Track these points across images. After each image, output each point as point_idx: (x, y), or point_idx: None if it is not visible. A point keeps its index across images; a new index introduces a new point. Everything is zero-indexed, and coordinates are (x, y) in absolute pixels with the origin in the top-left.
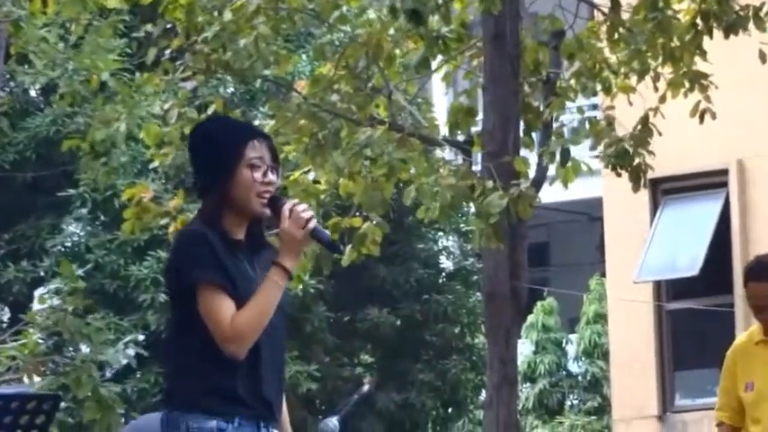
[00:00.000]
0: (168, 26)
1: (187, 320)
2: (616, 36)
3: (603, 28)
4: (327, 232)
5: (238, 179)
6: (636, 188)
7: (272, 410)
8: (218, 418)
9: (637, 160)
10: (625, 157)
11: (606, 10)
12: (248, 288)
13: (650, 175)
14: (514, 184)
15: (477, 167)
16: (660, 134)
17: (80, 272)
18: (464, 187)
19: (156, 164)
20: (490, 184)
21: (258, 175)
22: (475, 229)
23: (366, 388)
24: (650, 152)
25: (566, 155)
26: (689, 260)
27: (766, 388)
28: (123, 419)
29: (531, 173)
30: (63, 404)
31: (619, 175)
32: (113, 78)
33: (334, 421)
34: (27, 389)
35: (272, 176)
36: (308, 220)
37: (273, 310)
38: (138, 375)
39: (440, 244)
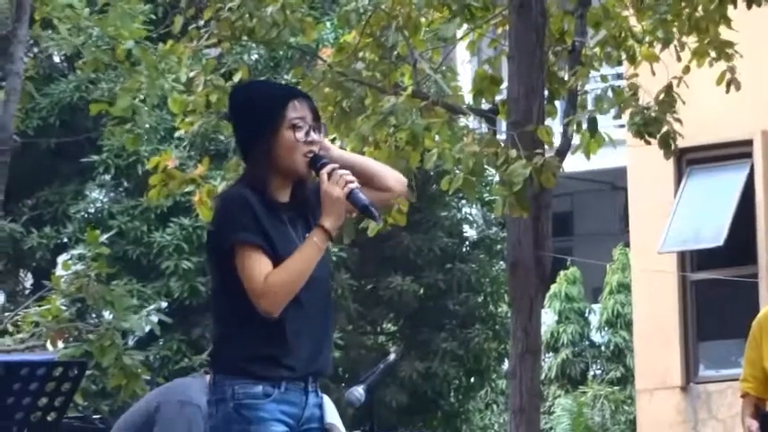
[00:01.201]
0: None
1: (227, 285)
2: (641, 5)
3: None
4: (365, 198)
5: (281, 140)
6: (667, 155)
7: (317, 374)
8: (264, 383)
9: (665, 128)
10: (653, 124)
11: None
12: (288, 249)
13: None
14: (538, 152)
15: (501, 136)
16: (684, 103)
17: (103, 238)
18: (488, 154)
19: (181, 132)
20: (514, 152)
21: (301, 134)
22: (498, 198)
23: (392, 357)
24: (677, 119)
25: (593, 124)
26: (713, 231)
27: None
28: (147, 386)
29: (555, 142)
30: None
31: (648, 143)
32: (138, 47)
33: (360, 390)
34: (53, 356)
35: (314, 135)
36: (347, 182)
37: (310, 271)
38: (161, 342)
39: (463, 212)
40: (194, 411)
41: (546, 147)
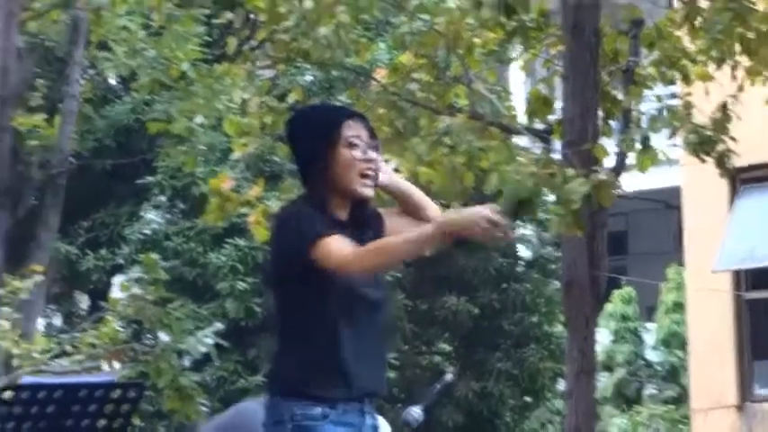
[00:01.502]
0: (248, 15)
1: (290, 304)
2: (694, 25)
3: (682, 16)
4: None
5: (338, 159)
6: (723, 174)
7: (372, 395)
8: (322, 404)
9: (720, 146)
10: (708, 143)
11: None
12: None
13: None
14: (595, 170)
15: (555, 155)
16: (740, 118)
17: (161, 263)
18: (545, 175)
19: (237, 154)
20: (571, 171)
21: (358, 153)
22: (554, 217)
23: (449, 377)
24: (732, 138)
25: (646, 141)
26: None
27: None
28: (203, 409)
29: (610, 161)
30: None
31: (703, 161)
32: (193, 68)
33: (417, 410)
34: (112, 377)
35: (371, 154)
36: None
37: (405, 255)
38: (217, 363)
39: (518, 232)
40: None
41: (601, 165)
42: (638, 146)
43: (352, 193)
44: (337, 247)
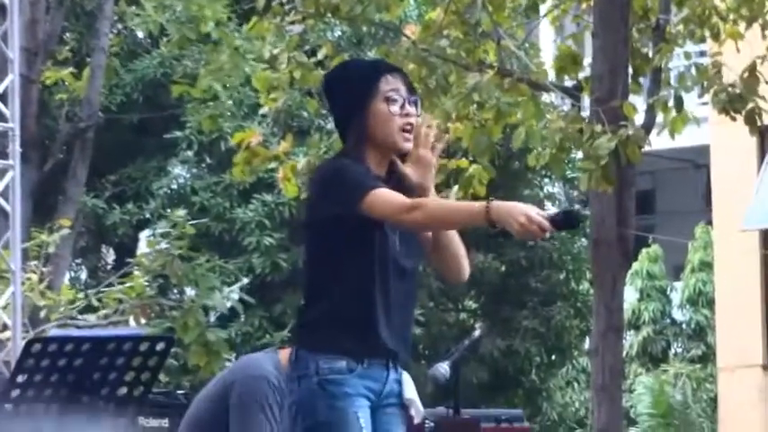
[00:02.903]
0: None
1: (326, 255)
2: None
3: None
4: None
5: (376, 114)
6: (752, 131)
7: (400, 352)
8: (348, 358)
9: (750, 105)
10: (738, 101)
11: None
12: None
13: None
14: (623, 124)
15: (584, 113)
16: (767, 82)
17: (182, 213)
18: (573, 131)
19: (265, 109)
20: (599, 127)
21: (395, 108)
22: (583, 174)
23: (477, 333)
24: (762, 97)
25: (680, 102)
26: None
27: None
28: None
29: (639, 119)
30: None
31: (733, 119)
32: (218, 29)
33: (445, 366)
34: (140, 331)
35: (410, 108)
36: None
37: (457, 224)
38: (243, 319)
39: (545, 190)
40: (264, 386)
41: (630, 122)
42: (671, 108)
43: (392, 146)
44: (393, 198)
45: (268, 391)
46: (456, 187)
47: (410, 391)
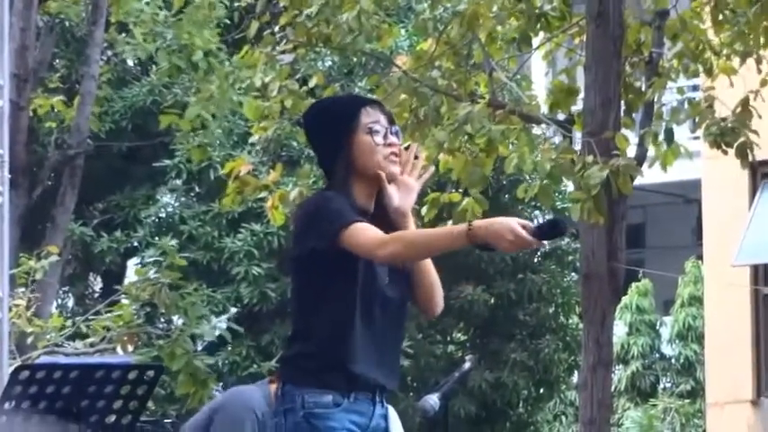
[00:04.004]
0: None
1: (311, 289)
2: (720, 17)
3: (707, 8)
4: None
5: (360, 146)
6: (744, 164)
7: (386, 385)
8: (334, 392)
9: (741, 138)
10: (730, 134)
11: None
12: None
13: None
14: (615, 154)
15: (576, 146)
16: (760, 117)
17: (173, 242)
18: (565, 162)
19: (255, 138)
20: (591, 158)
21: (379, 138)
22: (574, 205)
23: (467, 365)
24: (754, 131)
25: (670, 135)
26: None
27: None
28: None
29: (631, 152)
30: None
31: (725, 152)
32: (206, 59)
33: (434, 398)
34: (128, 359)
35: (393, 138)
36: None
37: (434, 253)
38: (230, 348)
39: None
40: (246, 418)
41: (621, 155)
42: (662, 141)
43: (379, 172)
44: (370, 233)
45: (248, 423)
46: (449, 222)
47: (396, 428)
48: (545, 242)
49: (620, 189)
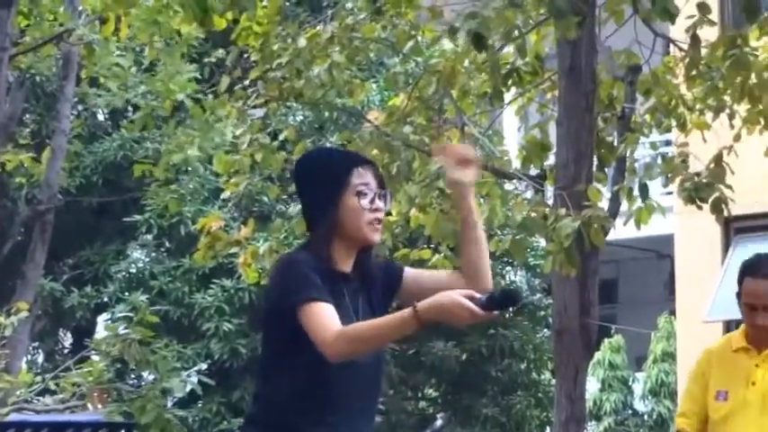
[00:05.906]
0: (241, 53)
1: (279, 345)
2: (693, 72)
3: (680, 64)
4: (484, 297)
5: (346, 207)
6: (719, 219)
7: None
8: None
9: (716, 194)
10: (704, 190)
11: (683, 45)
12: (344, 322)
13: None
14: (587, 205)
15: (548, 201)
16: (733, 173)
17: (143, 298)
18: (537, 216)
19: (227, 194)
20: (563, 211)
21: (365, 201)
22: (546, 257)
23: (439, 423)
24: (728, 186)
25: (645, 191)
26: None
27: (740, 400)
28: None
29: (604, 206)
30: None
31: (699, 208)
32: (189, 99)
33: None
34: (98, 416)
35: (379, 203)
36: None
37: (386, 340)
38: (201, 404)
39: (507, 279)
40: None
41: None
42: (637, 197)
43: (361, 240)
44: (323, 323)
45: None
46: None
47: None
48: (496, 312)
49: (592, 241)
